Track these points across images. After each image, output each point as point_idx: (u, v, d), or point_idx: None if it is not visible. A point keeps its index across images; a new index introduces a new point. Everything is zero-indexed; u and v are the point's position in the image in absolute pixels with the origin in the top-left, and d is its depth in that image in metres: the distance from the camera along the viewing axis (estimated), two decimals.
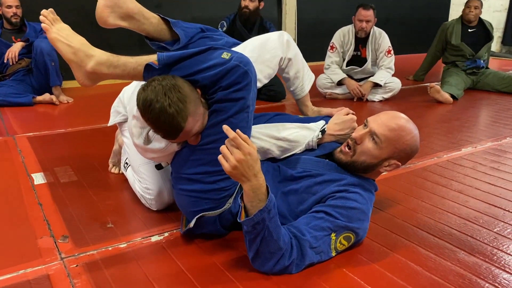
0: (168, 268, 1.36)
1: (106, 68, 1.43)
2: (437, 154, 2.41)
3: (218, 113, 1.38)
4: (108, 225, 1.62)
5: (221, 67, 1.35)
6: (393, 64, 3.83)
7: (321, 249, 1.33)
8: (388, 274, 1.33)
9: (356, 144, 1.47)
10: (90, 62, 1.43)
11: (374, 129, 1.44)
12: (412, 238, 1.54)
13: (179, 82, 1.32)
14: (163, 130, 1.33)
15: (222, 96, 1.36)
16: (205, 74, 1.36)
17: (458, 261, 1.40)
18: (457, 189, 1.96)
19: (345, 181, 1.46)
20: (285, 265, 1.27)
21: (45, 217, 1.67)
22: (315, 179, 1.47)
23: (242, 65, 1.36)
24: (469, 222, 1.66)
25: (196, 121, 1.34)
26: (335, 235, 1.35)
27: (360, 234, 1.41)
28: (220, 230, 1.50)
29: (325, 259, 1.35)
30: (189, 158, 1.44)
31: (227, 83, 1.35)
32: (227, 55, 1.37)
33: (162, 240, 1.52)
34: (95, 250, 1.45)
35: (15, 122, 3.00)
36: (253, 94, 1.42)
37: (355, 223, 1.37)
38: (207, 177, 1.43)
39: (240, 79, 1.35)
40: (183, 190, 1.47)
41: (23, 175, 2.07)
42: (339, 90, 3.87)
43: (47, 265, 1.36)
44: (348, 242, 1.39)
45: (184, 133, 1.34)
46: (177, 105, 1.28)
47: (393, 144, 1.44)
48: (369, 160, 1.47)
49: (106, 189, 1.95)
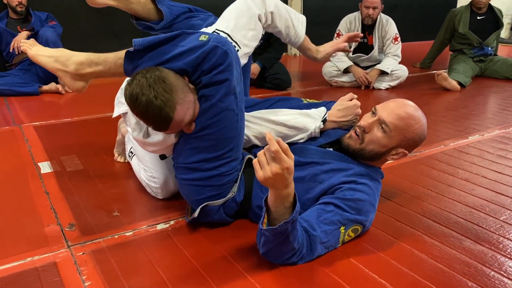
0: (174, 256, 1.37)
1: (88, 66, 1.46)
2: (443, 142, 2.40)
3: (206, 98, 1.36)
4: (114, 213, 1.63)
5: (200, 50, 1.32)
6: (400, 52, 3.79)
7: (330, 243, 1.33)
8: (393, 262, 1.33)
9: (365, 133, 1.46)
10: (72, 64, 1.47)
11: (383, 117, 1.43)
12: (418, 226, 1.53)
13: (163, 73, 1.31)
14: (153, 122, 1.33)
15: (206, 81, 1.34)
16: (185, 60, 1.33)
17: (464, 249, 1.40)
18: (464, 177, 1.94)
19: (352, 171, 1.46)
20: (294, 261, 1.28)
21: (52, 206, 1.68)
22: (321, 167, 1.47)
23: (220, 45, 1.33)
24: (475, 211, 1.65)
25: (186, 109, 1.32)
26: (344, 228, 1.34)
27: (367, 225, 1.42)
28: (225, 218, 1.51)
29: (334, 248, 1.36)
30: (186, 147, 1.43)
31: (208, 66, 1.32)
32: (205, 37, 1.35)
33: (167, 228, 1.53)
34: (102, 238, 1.46)
35: (21, 112, 3.01)
36: (236, 73, 1.40)
37: (363, 216, 1.37)
38: (206, 164, 1.42)
39: (221, 60, 1.33)
40: (184, 180, 1.47)
41: (29, 164, 2.09)
42: (345, 78, 3.84)
43: (54, 253, 1.38)
44: (355, 234, 1.40)
45: (176, 123, 1.32)
46: (163, 95, 1.27)
47: (403, 133, 1.43)
48: (377, 149, 1.46)
49: (112, 178, 1.95)
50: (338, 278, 1.25)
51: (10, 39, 3.60)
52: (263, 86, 3.78)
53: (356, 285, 1.22)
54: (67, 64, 1.47)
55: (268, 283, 1.23)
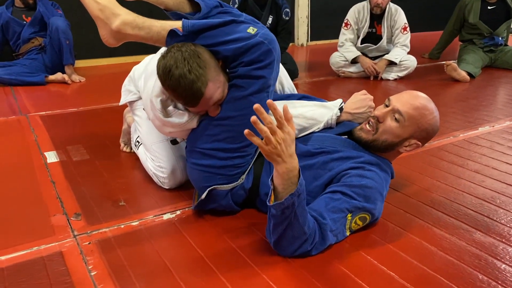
0: (180, 246, 1.36)
1: (131, 28, 1.41)
2: (453, 133, 2.36)
3: (238, 88, 1.36)
4: (120, 203, 1.62)
5: (245, 42, 1.31)
6: (409, 42, 3.73)
7: (338, 231, 1.31)
8: (402, 254, 1.31)
9: (379, 123, 1.46)
10: (116, 21, 1.41)
11: (398, 107, 1.43)
12: (427, 218, 1.51)
13: (198, 48, 1.31)
14: (184, 97, 1.32)
15: (243, 72, 1.33)
16: (229, 47, 1.33)
17: (474, 241, 1.38)
18: (474, 169, 1.91)
19: (363, 159, 1.44)
20: (307, 249, 1.25)
21: (58, 195, 1.68)
22: (331, 155, 1.45)
23: (266, 42, 1.32)
24: (485, 202, 1.62)
25: (217, 88, 1.33)
26: (351, 215, 1.32)
27: (375, 215, 1.39)
28: (232, 206, 1.49)
29: (340, 240, 1.34)
30: (205, 132, 1.42)
31: (250, 59, 1.32)
32: (253, 30, 1.33)
33: (174, 218, 1.52)
34: (108, 228, 1.45)
35: (28, 101, 3.01)
36: (275, 73, 1.39)
37: (371, 204, 1.35)
38: (221, 153, 1.41)
39: (263, 57, 1.32)
40: (196, 165, 1.46)
41: (36, 153, 2.08)
42: (353, 69, 3.79)
43: (60, 242, 1.37)
44: (363, 222, 1.37)
45: (205, 100, 1.32)
46: (197, 70, 1.27)
47: (416, 123, 1.43)
48: (390, 139, 1.45)
49: (118, 167, 1.95)
50: (346, 270, 1.23)
51: (16, 28, 3.59)
52: None
53: (365, 277, 1.21)
54: (111, 19, 1.41)
55: (274, 272, 1.22)
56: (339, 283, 1.19)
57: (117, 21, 1.40)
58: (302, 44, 5.59)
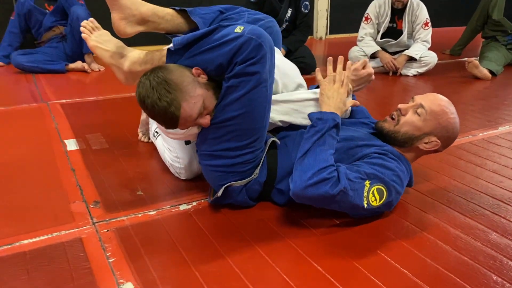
0: (196, 237, 1.38)
1: (139, 66, 1.55)
2: (472, 132, 2.33)
3: (235, 88, 1.36)
4: (138, 192, 1.65)
5: (235, 42, 1.32)
6: (430, 37, 3.68)
7: (356, 187, 1.30)
8: (417, 252, 1.31)
9: (401, 115, 1.53)
10: (126, 63, 1.56)
11: (421, 102, 1.51)
12: (442, 217, 1.51)
13: (166, 73, 1.33)
14: (162, 122, 1.37)
15: (238, 71, 1.34)
16: (220, 52, 1.34)
17: (489, 242, 1.37)
18: (492, 169, 1.89)
19: (386, 148, 1.49)
20: (323, 177, 1.26)
21: (78, 183, 1.71)
22: (356, 142, 1.50)
23: (255, 37, 1.32)
24: (502, 203, 1.61)
25: (193, 104, 1.34)
26: (369, 183, 1.33)
27: (392, 193, 1.37)
28: (247, 201, 1.51)
29: (357, 202, 1.30)
30: (210, 136, 1.45)
31: (241, 58, 1.32)
32: (240, 29, 1.34)
33: (190, 209, 1.54)
34: (125, 216, 1.48)
35: (48, 89, 3.06)
36: (270, 66, 1.39)
37: (389, 179, 1.36)
38: (231, 152, 1.44)
39: (255, 52, 1.32)
40: (209, 166, 1.49)
41: (56, 141, 2.13)
42: (372, 63, 3.76)
43: (80, 229, 1.41)
44: (380, 196, 1.35)
45: (184, 120, 1.35)
46: (167, 96, 1.30)
47: (437, 119, 1.49)
48: (411, 131, 1.51)
49: (136, 157, 1.98)
50: (359, 265, 1.24)
51: (38, 16, 3.64)
52: None
53: (378, 274, 1.21)
54: (121, 63, 1.56)
55: (287, 265, 1.24)
56: (352, 278, 1.20)
57: (126, 63, 1.55)
58: (320, 38, 5.55)
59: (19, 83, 3.23)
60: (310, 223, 1.45)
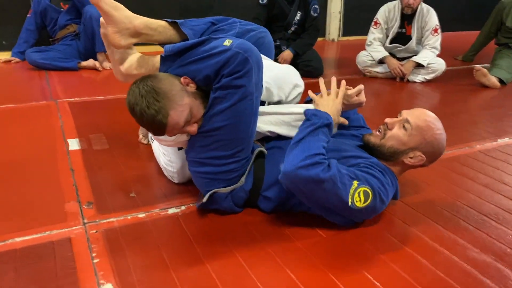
0: (180, 241, 1.43)
1: (134, 69, 1.63)
2: (469, 144, 2.33)
3: (222, 100, 1.41)
4: (131, 194, 1.71)
5: (222, 55, 1.37)
6: (439, 44, 3.65)
7: (345, 181, 1.34)
8: (392, 265, 1.34)
9: (387, 129, 1.56)
10: (125, 64, 1.64)
11: (408, 117, 1.53)
12: (425, 230, 1.52)
13: (155, 81, 1.39)
14: (150, 129, 1.43)
15: (225, 83, 1.39)
16: (207, 63, 1.39)
17: (467, 258, 1.38)
18: (483, 183, 1.90)
19: (372, 160, 1.53)
20: (316, 161, 1.32)
21: (75, 183, 1.78)
22: (342, 153, 1.53)
23: (242, 51, 1.36)
24: (487, 219, 1.61)
25: (181, 112, 1.39)
26: (358, 183, 1.36)
27: (377, 199, 1.39)
28: (233, 207, 1.56)
29: (343, 196, 1.33)
30: (197, 144, 1.51)
31: (228, 70, 1.37)
32: (229, 42, 1.39)
33: (178, 212, 1.60)
34: (115, 218, 1.55)
35: (59, 87, 3.16)
36: (256, 80, 1.43)
37: (376, 186, 1.40)
38: (216, 161, 1.49)
39: (241, 66, 1.36)
40: (197, 172, 1.55)
41: (60, 140, 2.20)
42: (380, 69, 3.76)
43: (70, 229, 1.47)
44: (365, 198, 1.37)
45: (171, 127, 1.40)
46: (155, 104, 1.35)
47: (423, 134, 1.51)
48: (396, 145, 1.53)
49: (134, 159, 2.04)
50: (334, 277, 1.27)
51: (53, 14, 3.75)
52: None
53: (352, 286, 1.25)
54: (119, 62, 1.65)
55: (264, 274, 1.28)
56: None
57: (125, 65, 1.64)
58: (333, 39, 5.55)
59: (32, 80, 3.33)
60: (293, 232, 1.49)
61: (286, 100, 1.76)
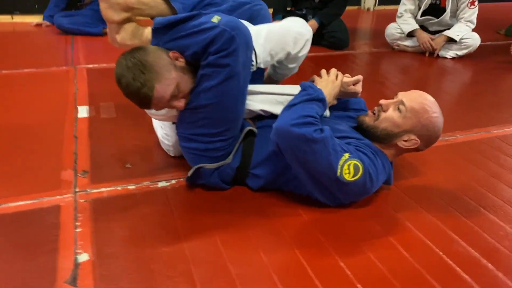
0: (162, 215, 1.46)
1: (128, 39, 1.67)
2: (487, 129, 2.21)
3: (208, 77, 1.40)
4: (126, 165, 1.75)
5: (209, 32, 1.34)
6: (474, 18, 3.42)
7: (336, 149, 1.34)
8: (369, 254, 1.31)
9: (382, 110, 1.52)
10: (121, 33, 1.70)
11: (403, 99, 1.49)
12: (412, 219, 1.48)
13: (142, 54, 1.36)
14: (136, 102, 1.41)
15: (211, 61, 1.37)
16: (195, 40, 1.37)
17: (451, 251, 1.34)
18: (490, 172, 1.80)
19: (365, 142, 1.50)
20: (310, 121, 1.35)
21: (76, 151, 1.84)
22: (335, 133, 1.47)
23: (229, 29, 1.33)
24: (483, 210, 1.54)
25: (167, 86, 1.37)
26: (349, 155, 1.35)
27: (367, 176, 1.37)
28: (220, 183, 1.57)
29: (333, 163, 1.32)
30: (187, 120, 1.51)
31: (215, 48, 1.35)
32: (217, 19, 1.35)
33: (167, 186, 1.62)
34: (106, 188, 1.59)
35: (82, 52, 3.21)
36: (244, 59, 1.40)
37: (367, 163, 1.38)
38: (203, 137, 1.49)
39: (227, 45, 1.34)
40: (184, 148, 1.56)
41: (71, 107, 2.26)
42: (409, 42, 3.59)
43: (62, 197, 1.53)
44: (355, 172, 1.35)
45: (157, 101, 1.39)
46: (140, 77, 1.33)
47: (417, 116, 1.46)
48: (390, 127, 1.49)
49: (138, 129, 2.06)
50: (304, 261, 1.27)
51: None
52: (319, 44, 3.66)
53: (323, 274, 1.24)
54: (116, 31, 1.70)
55: (237, 255, 1.29)
56: (293, 274, 1.23)
57: (121, 34, 1.69)
58: (368, 9, 5.31)
59: (58, 45, 3.41)
60: (275, 212, 1.49)
61: (294, 52, 1.68)
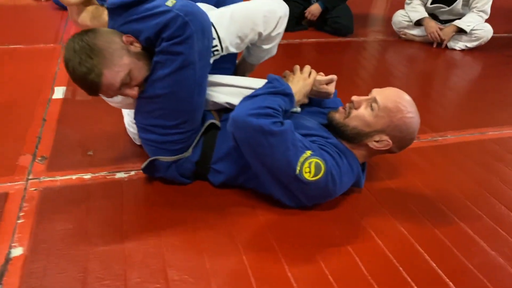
0: (110, 210, 1.39)
1: (89, 20, 1.55)
2: (481, 130, 2.06)
3: (162, 65, 1.31)
4: (88, 153, 1.68)
5: (162, 17, 1.24)
6: (488, 7, 3.21)
7: (297, 144, 1.27)
8: (320, 263, 1.22)
9: (353, 108, 1.41)
10: (82, 14, 1.56)
11: (376, 97, 1.38)
12: (376, 226, 1.38)
13: (91, 37, 1.26)
14: (83, 88, 1.31)
15: (164, 47, 1.27)
16: (147, 24, 1.27)
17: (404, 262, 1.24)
18: (473, 176, 1.67)
19: (331, 141, 1.40)
20: (269, 112, 1.26)
21: (40, 134, 1.78)
22: (300, 130, 1.39)
23: (182, 14, 1.23)
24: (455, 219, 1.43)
25: (117, 73, 1.28)
26: (311, 153, 1.27)
27: (328, 177, 1.29)
28: (177, 177, 1.49)
29: (292, 160, 1.25)
30: (143, 109, 1.42)
31: (168, 34, 1.25)
32: (172, 3, 1.25)
33: (124, 178, 1.55)
34: (60, 177, 1.53)
35: (74, 30, 3.12)
36: (200, 47, 1.29)
37: (330, 163, 1.30)
38: (160, 129, 1.41)
39: (180, 31, 1.24)
40: (143, 139, 1.49)
41: (47, 87, 2.20)
42: (416, 31, 3.41)
43: (12, 184, 1.47)
44: (316, 172, 1.27)
45: (106, 87, 1.29)
46: (87, 62, 1.24)
47: (390, 116, 1.36)
48: (360, 126, 1.39)
49: (110, 114, 1.96)
50: (248, 266, 1.19)
51: None
52: (322, 29, 3.51)
53: (265, 279, 1.16)
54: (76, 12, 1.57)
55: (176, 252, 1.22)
56: (234, 276, 1.15)
57: (82, 14, 1.55)
58: None
59: (51, 21, 3.35)
60: (231, 212, 1.41)
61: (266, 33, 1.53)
